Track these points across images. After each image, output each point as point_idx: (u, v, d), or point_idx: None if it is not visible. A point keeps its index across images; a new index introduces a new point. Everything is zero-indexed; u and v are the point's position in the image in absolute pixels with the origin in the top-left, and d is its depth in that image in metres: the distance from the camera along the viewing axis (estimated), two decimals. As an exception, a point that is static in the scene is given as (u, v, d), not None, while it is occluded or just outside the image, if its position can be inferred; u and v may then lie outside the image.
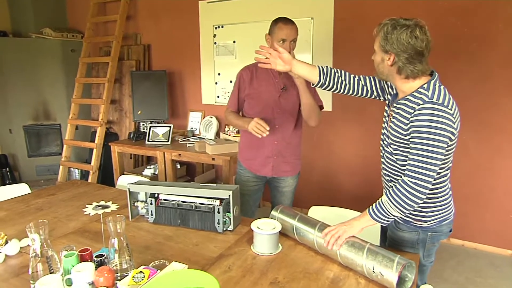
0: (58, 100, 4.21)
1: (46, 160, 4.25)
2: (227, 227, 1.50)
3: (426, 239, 1.35)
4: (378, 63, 1.30)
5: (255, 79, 1.97)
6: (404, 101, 1.27)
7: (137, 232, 1.51)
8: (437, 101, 1.18)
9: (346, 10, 2.93)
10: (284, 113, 1.95)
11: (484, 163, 2.68)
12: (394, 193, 1.21)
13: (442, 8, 2.60)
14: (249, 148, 2.05)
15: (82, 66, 3.99)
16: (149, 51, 4.00)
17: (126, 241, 1.17)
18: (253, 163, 2.05)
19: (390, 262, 1.11)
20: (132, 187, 1.59)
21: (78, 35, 4.31)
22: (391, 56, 1.24)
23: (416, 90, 1.25)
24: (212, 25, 3.56)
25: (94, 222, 1.61)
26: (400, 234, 1.38)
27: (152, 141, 3.40)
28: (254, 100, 1.97)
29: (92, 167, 3.69)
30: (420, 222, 1.34)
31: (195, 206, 1.52)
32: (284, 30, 1.80)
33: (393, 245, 1.41)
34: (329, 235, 1.26)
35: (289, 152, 2.02)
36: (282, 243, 1.39)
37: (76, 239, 1.44)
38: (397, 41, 1.21)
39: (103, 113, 3.74)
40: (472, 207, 2.76)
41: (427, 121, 1.16)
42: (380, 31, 1.25)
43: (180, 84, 3.91)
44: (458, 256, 2.70)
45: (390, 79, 1.32)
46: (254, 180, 2.07)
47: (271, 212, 1.49)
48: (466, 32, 2.56)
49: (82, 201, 1.87)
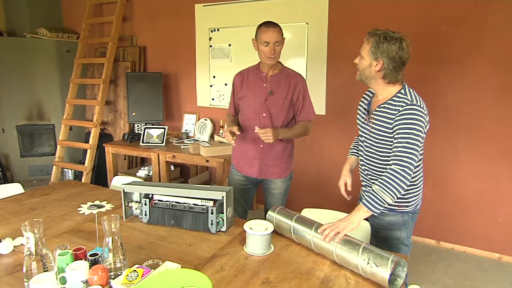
0: (52, 101, 4.19)
1: (39, 161, 4.22)
2: (220, 227, 1.52)
3: (408, 220, 1.56)
4: (365, 67, 1.47)
5: (245, 83, 2.04)
6: (386, 105, 1.47)
7: (131, 232, 1.52)
8: (416, 104, 1.40)
9: (340, 15, 2.97)
10: (270, 117, 1.99)
11: (473, 168, 2.73)
12: (386, 181, 1.37)
13: (434, 15, 2.66)
14: (238, 149, 2.12)
15: (77, 67, 3.99)
16: (145, 53, 4.01)
17: (120, 240, 1.18)
18: (240, 163, 2.12)
19: (384, 258, 1.16)
20: (126, 187, 1.60)
21: (73, 36, 4.31)
22: (379, 63, 1.43)
23: (395, 95, 1.46)
24: (208, 28, 3.58)
25: (88, 222, 1.62)
26: (387, 218, 1.56)
27: (147, 142, 3.41)
28: (244, 104, 2.04)
29: (86, 167, 3.68)
30: (403, 207, 1.54)
31: (188, 207, 1.54)
32: (267, 33, 1.88)
33: (382, 230, 1.56)
34: (329, 230, 1.30)
35: (275, 155, 2.05)
36: (275, 243, 1.41)
37: (70, 239, 1.45)
38: (387, 50, 1.40)
39: (98, 114, 3.74)
40: (461, 212, 2.81)
41: (411, 119, 1.38)
42: (371, 39, 1.41)
43: (175, 86, 3.92)
44: (448, 259, 2.75)
45: (372, 83, 1.51)
46: (243, 179, 2.12)
47: (268, 212, 1.52)
48: (457, 40, 2.62)
49: (76, 201, 1.88)
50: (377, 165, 1.54)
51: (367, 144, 1.57)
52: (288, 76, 2.02)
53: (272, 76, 2.00)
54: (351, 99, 2.88)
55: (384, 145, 1.48)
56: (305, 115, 2.07)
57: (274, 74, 2.00)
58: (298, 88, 2.02)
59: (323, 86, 3.14)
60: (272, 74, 2.00)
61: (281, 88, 1.99)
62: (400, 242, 1.56)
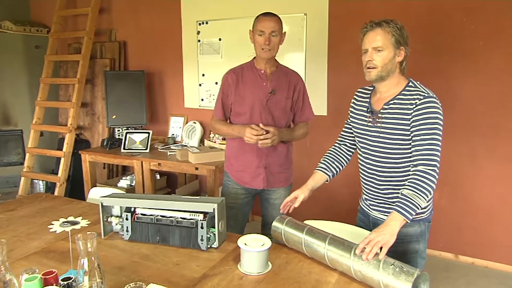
0: (20, 103, 4.16)
1: (5, 171, 4.17)
2: (211, 244, 1.50)
3: (425, 229, 1.58)
4: (389, 60, 1.48)
5: (241, 82, 2.01)
6: (396, 100, 1.50)
7: (110, 251, 1.50)
8: (433, 96, 1.45)
9: (342, 5, 3.00)
10: (273, 119, 1.98)
11: (494, 172, 2.74)
12: (417, 184, 1.38)
13: (447, 3, 2.68)
14: (237, 159, 2.07)
15: (48, 65, 3.97)
16: (125, 48, 4.01)
17: (98, 261, 1.16)
18: (243, 175, 2.06)
19: (406, 273, 1.16)
20: (105, 200, 1.58)
21: (43, 30, 4.29)
22: (402, 51, 1.48)
23: (404, 88, 1.50)
24: (196, 21, 3.59)
25: (61, 241, 1.60)
26: (404, 230, 1.49)
27: (129, 149, 3.39)
28: (241, 106, 2.00)
29: (59, 178, 3.65)
30: (420, 215, 1.54)
31: (176, 221, 1.52)
32: (262, 22, 1.90)
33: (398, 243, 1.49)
34: (369, 247, 1.26)
35: (281, 161, 2.05)
36: (273, 261, 1.40)
37: (39, 261, 1.43)
38: (406, 36, 1.48)
39: (73, 118, 3.72)
40: (482, 221, 2.82)
41: (432, 113, 1.42)
42: (387, 27, 1.46)
43: (160, 86, 3.92)
44: (468, 275, 2.75)
45: (389, 78, 1.51)
46: (243, 192, 2.08)
47: (274, 223, 1.53)
48: (473, 30, 2.65)
49: (47, 217, 1.85)
50: (390, 169, 1.54)
51: (374, 148, 1.57)
52: (287, 74, 2.04)
53: (272, 74, 2.00)
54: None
55: (399, 145, 1.49)
56: (306, 116, 2.09)
57: (273, 71, 2.01)
58: (299, 87, 2.04)
59: (324, 84, 3.15)
60: (270, 71, 2.00)
61: (283, 86, 1.99)
62: (419, 255, 1.58)
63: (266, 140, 1.86)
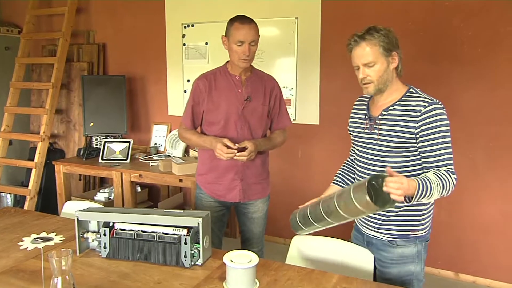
0: (-13, 109, 4.13)
1: (-29, 184, 4.12)
2: (195, 261, 1.52)
3: (422, 249, 1.58)
4: (382, 72, 1.50)
5: (214, 89, 2.01)
6: (397, 106, 1.53)
7: (87, 269, 1.50)
8: (437, 102, 1.49)
9: (335, 9, 3.06)
10: (249, 128, 2.01)
11: (496, 186, 2.79)
12: (443, 179, 1.38)
13: (444, 8, 2.76)
14: (210, 170, 2.08)
15: (19, 68, 3.95)
16: (104, 51, 4.03)
17: (73, 280, 1.17)
18: (217, 188, 2.07)
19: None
20: (81, 215, 1.59)
21: (14, 30, 4.28)
22: (395, 56, 1.50)
23: (405, 95, 1.54)
24: (181, 24, 3.63)
25: (32, 259, 1.59)
26: (399, 250, 1.56)
27: (107, 159, 3.39)
28: (214, 115, 2.00)
29: (29, 191, 3.61)
30: (417, 232, 1.56)
31: (157, 237, 1.53)
32: (241, 30, 1.88)
33: (391, 265, 1.57)
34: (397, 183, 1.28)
35: (258, 172, 2.08)
36: (260, 278, 1.42)
37: (7, 281, 1.42)
38: (395, 40, 1.49)
39: (46, 125, 3.70)
40: (483, 238, 2.85)
41: (442, 120, 1.46)
42: (373, 39, 1.46)
43: (142, 92, 3.93)
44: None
45: (387, 87, 1.54)
46: (217, 205, 2.10)
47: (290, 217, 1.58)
48: (471, 36, 2.73)
49: (16, 233, 1.84)
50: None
51: (370, 157, 1.59)
52: (262, 79, 2.07)
53: (247, 80, 2.02)
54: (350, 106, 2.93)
55: (396, 153, 1.51)
56: (282, 123, 2.13)
57: (248, 77, 2.03)
58: (275, 92, 2.07)
59: (316, 91, 3.21)
60: (245, 77, 2.02)
61: (259, 93, 2.02)
62: (415, 277, 1.58)
63: (242, 156, 1.87)
